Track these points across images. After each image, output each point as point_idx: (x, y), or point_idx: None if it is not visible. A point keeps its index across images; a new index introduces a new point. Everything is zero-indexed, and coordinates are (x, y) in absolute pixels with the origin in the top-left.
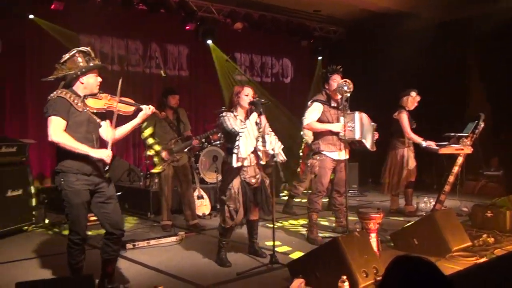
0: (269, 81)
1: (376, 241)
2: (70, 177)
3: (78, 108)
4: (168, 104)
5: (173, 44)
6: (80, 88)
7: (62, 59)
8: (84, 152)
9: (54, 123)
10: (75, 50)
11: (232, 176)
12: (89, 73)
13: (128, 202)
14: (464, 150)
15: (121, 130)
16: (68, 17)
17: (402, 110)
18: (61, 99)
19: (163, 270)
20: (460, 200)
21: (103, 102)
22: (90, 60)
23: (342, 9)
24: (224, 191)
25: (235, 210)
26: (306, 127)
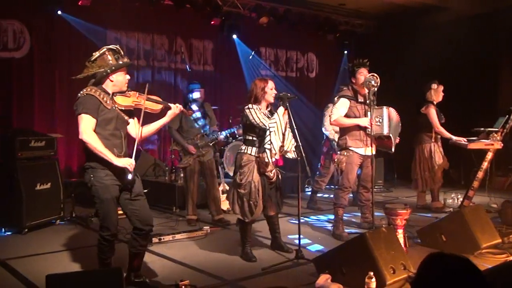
0: (294, 75)
1: (403, 237)
2: (100, 173)
3: (107, 106)
4: (193, 98)
5: (198, 39)
6: (110, 86)
7: (92, 57)
8: (108, 159)
9: (84, 121)
10: (105, 48)
11: (251, 169)
12: (118, 71)
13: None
14: (494, 145)
15: (148, 128)
16: (95, 12)
17: (429, 105)
18: (91, 96)
19: (188, 264)
20: (489, 196)
21: (131, 100)
22: (120, 58)
23: (368, 2)
24: (242, 184)
25: (255, 204)
26: (334, 123)
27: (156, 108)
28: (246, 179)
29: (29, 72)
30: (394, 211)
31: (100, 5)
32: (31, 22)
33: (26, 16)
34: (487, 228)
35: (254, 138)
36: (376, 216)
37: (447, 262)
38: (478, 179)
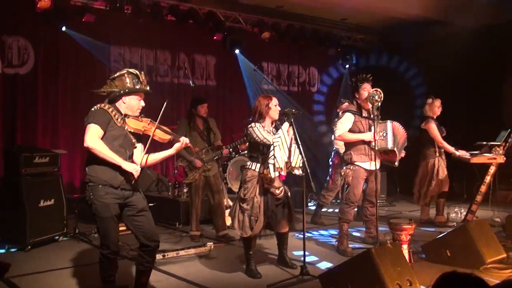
0: (296, 90)
1: (408, 253)
2: (99, 191)
3: (117, 123)
4: (197, 113)
5: (201, 54)
6: (122, 107)
7: (112, 75)
8: (116, 162)
9: (91, 130)
10: (125, 70)
11: (255, 185)
12: (132, 95)
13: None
14: (497, 159)
15: (153, 157)
16: (99, 28)
17: (429, 120)
18: (104, 111)
19: (193, 281)
20: (493, 210)
21: (142, 125)
22: (138, 83)
23: (370, 17)
24: (245, 199)
25: (255, 220)
26: (338, 138)
27: (164, 138)
28: (249, 194)
29: (33, 88)
30: (399, 226)
31: (104, 21)
32: (35, 38)
33: (30, 32)
34: (492, 243)
35: (258, 156)
36: (380, 230)
37: (461, 281)
38: (481, 193)
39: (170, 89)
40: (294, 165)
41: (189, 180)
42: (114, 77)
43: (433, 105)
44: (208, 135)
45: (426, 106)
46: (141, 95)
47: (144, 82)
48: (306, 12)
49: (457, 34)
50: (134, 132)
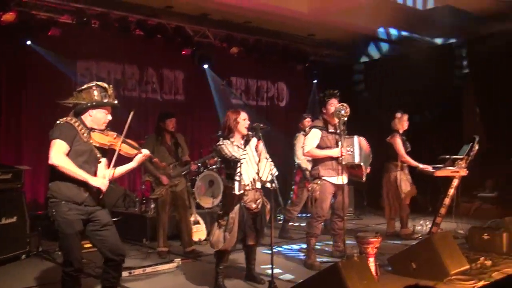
0: (264, 104)
1: (375, 266)
2: (62, 207)
3: (83, 138)
4: (165, 128)
5: (169, 69)
6: (88, 120)
7: (80, 87)
8: (82, 178)
9: (56, 146)
10: (94, 83)
11: (233, 201)
12: (99, 108)
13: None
14: (460, 173)
15: (118, 171)
16: (65, 43)
17: (395, 134)
18: (69, 125)
19: None
20: (456, 222)
21: (108, 139)
22: (105, 96)
23: (336, 33)
24: (222, 216)
25: (229, 234)
26: (307, 155)
27: (130, 152)
28: (225, 211)
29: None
30: (366, 240)
31: (70, 36)
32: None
33: None
34: (455, 255)
35: (231, 172)
36: (348, 244)
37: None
38: (445, 206)
39: (138, 103)
40: (264, 179)
41: (155, 195)
42: (81, 89)
43: (402, 119)
44: (176, 150)
45: (395, 120)
46: (109, 109)
47: (112, 96)
48: (274, 28)
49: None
50: (99, 146)
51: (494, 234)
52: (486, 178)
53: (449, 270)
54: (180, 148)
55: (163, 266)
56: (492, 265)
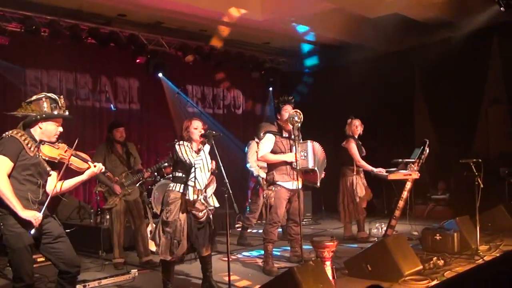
0: (221, 112)
1: (331, 269)
2: (10, 220)
3: (29, 152)
4: (113, 138)
5: (123, 77)
6: (38, 133)
7: (29, 98)
8: (13, 208)
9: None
10: (43, 94)
11: (178, 207)
12: (50, 120)
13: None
14: (412, 175)
15: (66, 184)
16: (13, 51)
17: (349, 139)
18: (14, 139)
19: None
20: (411, 224)
21: (58, 152)
22: (56, 108)
23: (290, 41)
24: (168, 222)
25: (178, 243)
26: (261, 159)
27: (80, 167)
28: (172, 217)
29: None
30: (321, 244)
31: (19, 44)
32: None
33: None
34: (409, 256)
35: (183, 175)
36: (305, 249)
37: None
38: (399, 208)
39: (92, 113)
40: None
41: (109, 206)
42: (30, 100)
43: (352, 124)
44: (128, 159)
45: (347, 126)
46: (59, 120)
47: (63, 107)
48: (229, 36)
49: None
50: (49, 159)
51: (446, 234)
52: (438, 180)
53: (403, 271)
54: (132, 157)
55: (119, 277)
56: (444, 265)
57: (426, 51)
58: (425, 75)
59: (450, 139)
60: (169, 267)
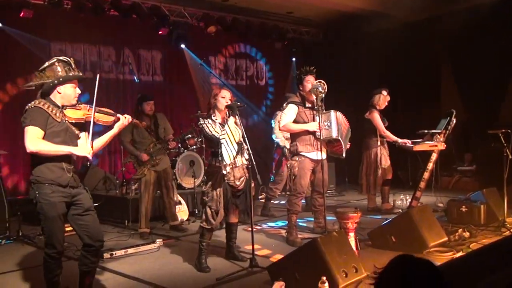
0: (244, 84)
1: (355, 240)
2: (46, 189)
3: (56, 119)
4: (143, 111)
5: (146, 49)
6: (57, 98)
7: (41, 66)
8: (67, 151)
9: (30, 133)
10: (55, 59)
11: (215, 178)
12: (67, 83)
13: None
14: (438, 147)
15: (98, 142)
16: (38, 24)
17: (373, 110)
18: (39, 109)
19: (141, 279)
20: (436, 196)
21: (82, 113)
22: (70, 70)
23: (314, 10)
24: (205, 192)
25: (216, 212)
26: (283, 129)
27: (107, 120)
28: (209, 187)
29: None
30: (345, 215)
31: (43, 17)
32: None
33: None
34: (434, 227)
35: (215, 150)
36: (329, 220)
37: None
38: (425, 180)
39: (115, 85)
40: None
41: (138, 176)
42: (43, 67)
43: (386, 98)
44: (156, 130)
45: (380, 97)
46: (76, 82)
47: (76, 69)
48: (252, 6)
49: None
50: (76, 122)
51: (472, 206)
52: (465, 152)
53: (428, 242)
54: (161, 127)
55: (145, 246)
56: (470, 237)
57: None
58: (452, 44)
59: (477, 109)
60: (207, 233)
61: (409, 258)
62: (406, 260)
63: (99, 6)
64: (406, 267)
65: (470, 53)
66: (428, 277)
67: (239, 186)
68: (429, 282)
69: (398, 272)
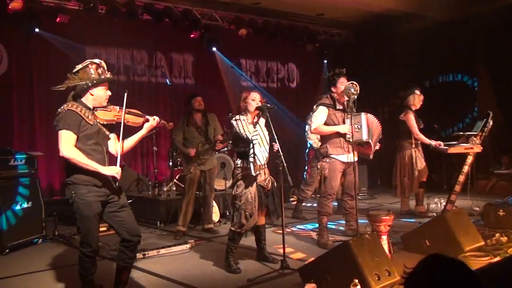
0: (275, 86)
1: (388, 244)
2: (81, 189)
3: (89, 121)
4: (192, 107)
5: (178, 52)
6: (90, 100)
7: (75, 68)
8: (94, 169)
9: (64, 138)
10: (88, 61)
11: (247, 180)
12: (99, 85)
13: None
14: (474, 149)
15: (128, 142)
16: (73, 29)
17: (408, 111)
18: (72, 112)
19: (173, 279)
20: (472, 199)
21: (113, 114)
22: (102, 72)
23: (345, 12)
24: (238, 195)
25: (250, 215)
26: (314, 131)
27: (137, 121)
28: (241, 190)
29: (8, 90)
30: (378, 218)
31: (78, 22)
32: (8, 40)
33: (3, 34)
34: (470, 231)
35: (245, 149)
36: (361, 223)
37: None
38: (460, 183)
39: (148, 88)
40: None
41: (184, 173)
42: (77, 69)
43: (419, 98)
44: (206, 130)
45: (415, 97)
46: (107, 84)
47: (108, 71)
48: (282, 8)
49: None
50: (106, 123)
51: (510, 210)
52: (502, 155)
53: (464, 247)
54: (211, 127)
55: (176, 247)
56: (508, 241)
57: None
58: (488, 44)
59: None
60: (236, 237)
61: (440, 258)
62: (438, 260)
63: (133, 11)
64: (437, 267)
65: (508, 54)
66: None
67: (268, 187)
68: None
69: (428, 273)
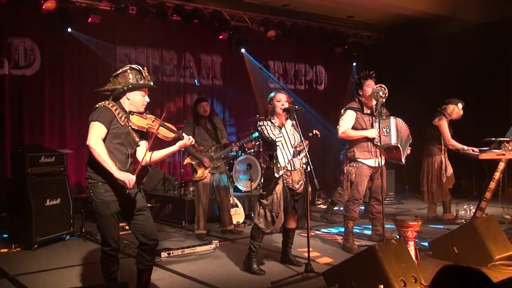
0: (302, 88)
1: (414, 250)
2: (99, 189)
3: (120, 122)
4: (198, 112)
5: (206, 53)
6: (126, 104)
7: (116, 72)
8: (108, 168)
9: (95, 129)
10: (128, 67)
11: (275, 181)
12: (136, 91)
13: (163, 211)
14: (506, 155)
15: (156, 154)
16: (104, 29)
17: (442, 117)
18: (107, 109)
19: (197, 279)
20: (502, 207)
21: (146, 122)
22: (141, 78)
23: (376, 14)
24: (265, 196)
25: (276, 215)
26: (342, 135)
27: (168, 136)
28: (268, 190)
29: (39, 89)
30: (405, 223)
31: (109, 22)
32: (41, 40)
33: (36, 34)
34: (500, 240)
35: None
36: (387, 228)
37: (462, 274)
38: (491, 190)
39: (176, 88)
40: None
41: (198, 178)
42: (117, 74)
43: (460, 112)
44: (216, 133)
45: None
46: (145, 90)
47: (148, 78)
48: (312, 10)
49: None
50: (138, 129)
51: None
52: None
53: (493, 255)
54: (219, 130)
55: (201, 247)
56: None
57: None
58: None
59: None
60: (259, 235)
61: (458, 268)
62: (455, 270)
63: (163, 12)
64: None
65: None
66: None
67: (298, 190)
68: None
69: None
